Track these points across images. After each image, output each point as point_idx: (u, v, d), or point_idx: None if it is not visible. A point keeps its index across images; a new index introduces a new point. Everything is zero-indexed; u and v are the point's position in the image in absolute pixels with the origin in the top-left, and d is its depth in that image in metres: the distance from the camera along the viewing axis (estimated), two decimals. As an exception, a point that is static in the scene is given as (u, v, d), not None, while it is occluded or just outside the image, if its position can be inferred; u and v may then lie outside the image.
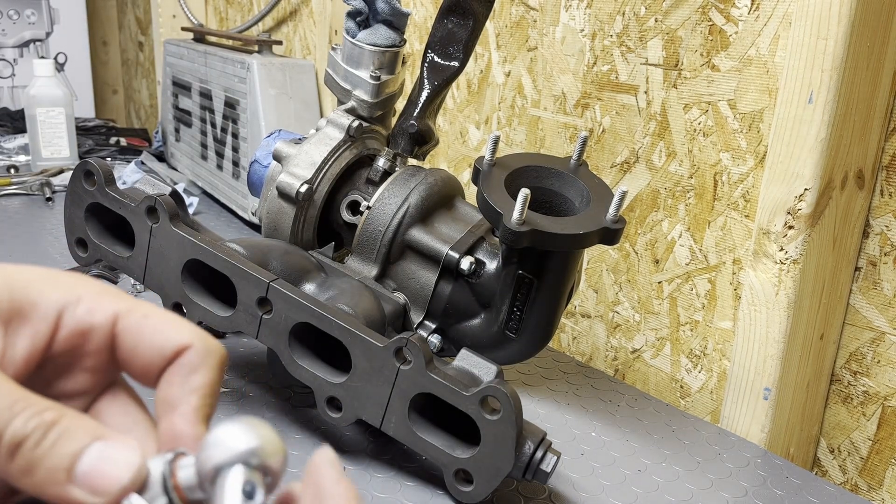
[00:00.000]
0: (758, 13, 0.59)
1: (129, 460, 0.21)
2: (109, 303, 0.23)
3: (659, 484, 0.52)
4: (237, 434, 0.21)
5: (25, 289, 0.22)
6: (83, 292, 0.23)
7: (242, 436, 0.21)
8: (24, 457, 0.20)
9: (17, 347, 0.22)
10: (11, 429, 0.20)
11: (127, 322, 0.23)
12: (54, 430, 0.20)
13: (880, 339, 0.58)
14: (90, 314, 0.23)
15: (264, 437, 0.21)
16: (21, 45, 1.55)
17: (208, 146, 1.11)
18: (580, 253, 0.53)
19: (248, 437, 0.21)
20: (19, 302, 0.22)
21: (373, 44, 0.60)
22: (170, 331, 0.23)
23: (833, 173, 0.55)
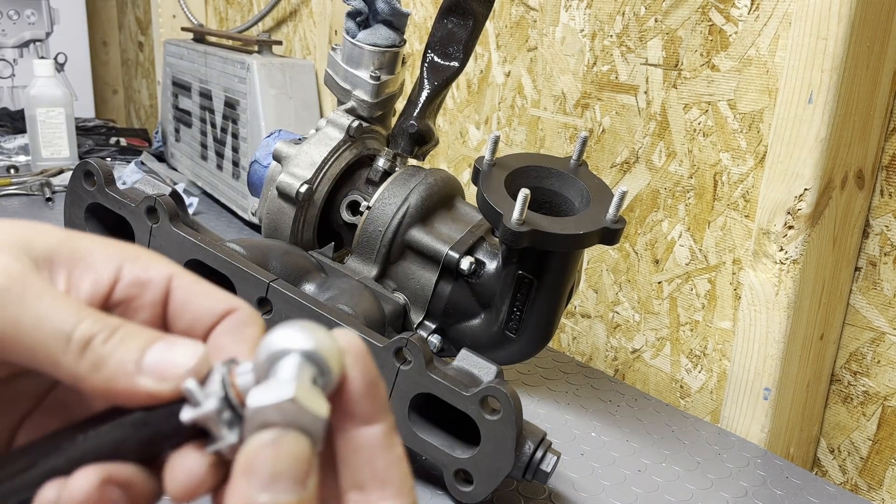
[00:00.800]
0: (758, 13, 0.59)
1: (194, 349, 0.22)
2: (165, 263, 0.25)
3: (659, 484, 0.52)
4: (293, 332, 0.21)
5: (87, 246, 0.24)
6: (141, 253, 0.25)
7: (298, 334, 0.21)
8: (94, 352, 0.22)
9: (80, 290, 0.23)
10: (81, 328, 0.21)
11: (181, 282, 0.25)
12: (121, 331, 0.22)
13: (880, 339, 0.58)
14: (147, 270, 0.24)
15: (320, 338, 0.21)
16: (21, 46, 1.55)
17: (208, 146, 1.11)
18: (580, 253, 0.53)
19: (304, 336, 0.21)
20: (81, 253, 0.24)
21: (373, 44, 0.60)
22: (220, 294, 0.25)
23: (833, 173, 0.55)
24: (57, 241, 0.23)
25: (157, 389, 0.22)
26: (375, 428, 0.22)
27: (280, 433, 0.21)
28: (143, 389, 0.22)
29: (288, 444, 0.20)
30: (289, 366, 0.21)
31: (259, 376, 0.21)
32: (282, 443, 0.20)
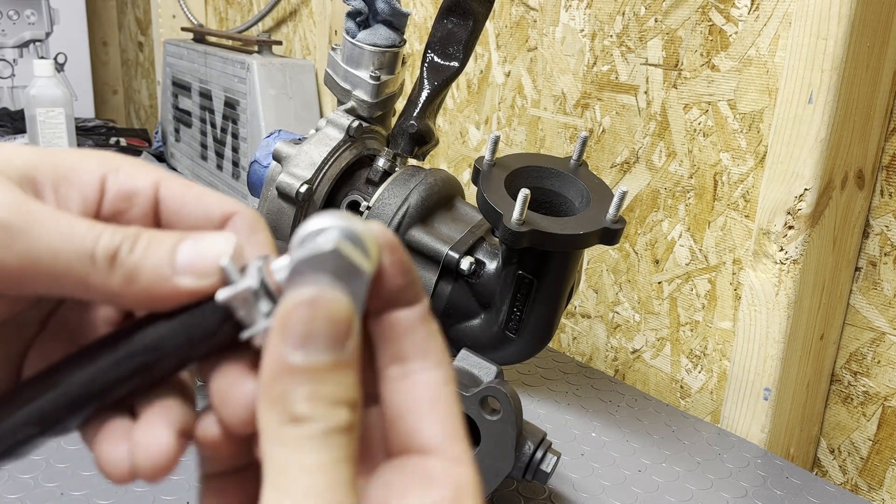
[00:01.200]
0: (758, 13, 0.59)
1: (226, 238, 0.21)
2: (149, 170, 0.24)
3: (659, 484, 0.52)
4: (328, 217, 0.20)
5: (66, 159, 0.23)
6: (121, 162, 0.24)
7: (334, 217, 0.20)
8: (124, 265, 0.21)
9: (71, 208, 0.22)
10: (101, 243, 0.21)
11: (169, 188, 0.23)
12: (143, 238, 0.21)
13: (880, 339, 0.58)
14: (132, 179, 0.23)
15: (356, 222, 0.20)
16: (21, 46, 1.55)
17: (208, 146, 1.11)
18: (580, 253, 0.53)
19: (339, 219, 0.20)
20: (63, 168, 0.23)
21: (373, 44, 0.60)
22: (214, 198, 0.23)
23: (833, 173, 0.55)
24: (36, 157, 0.22)
25: (199, 285, 0.21)
26: (415, 309, 0.22)
27: (319, 289, 0.19)
28: (184, 288, 0.21)
29: (326, 302, 0.19)
30: (328, 237, 0.20)
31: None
32: (320, 300, 0.19)
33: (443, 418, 0.22)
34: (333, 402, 0.19)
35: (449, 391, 0.22)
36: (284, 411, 0.19)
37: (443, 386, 0.22)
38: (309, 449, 0.19)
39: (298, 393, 0.19)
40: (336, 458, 0.19)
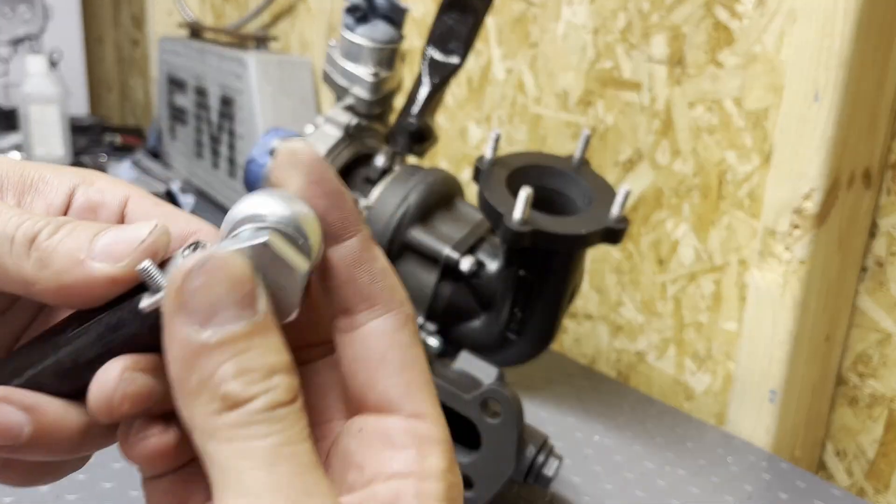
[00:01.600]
0: (763, 9, 0.58)
1: (149, 225, 0.20)
2: (121, 186, 0.23)
3: (662, 487, 0.51)
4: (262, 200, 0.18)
5: (38, 170, 0.22)
6: (95, 177, 0.23)
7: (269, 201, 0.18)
8: (39, 247, 0.19)
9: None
10: (23, 227, 0.20)
11: (138, 203, 0.22)
12: (69, 225, 0.20)
13: (887, 340, 0.57)
14: (101, 193, 0.22)
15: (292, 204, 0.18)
16: (14, 42, 1.54)
17: (204, 144, 1.10)
18: (583, 253, 0.52)
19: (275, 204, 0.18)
20: (31, 178, 0.22)
21: (371, 40, 0.60)
22: (182, 217, 0.22)
23: (839, 172, 0.54)
24: (6, 167, 0.22)
25: (112, 272, 0.19)
26: (349, 243, 0.20)
27: (206, 254, 0.17)
28: (96, 274, 0.19)
29: (219, 262, 0.17)
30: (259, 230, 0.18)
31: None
32: (211, 261, 0.17)
33: (397, 370, 0.20)
34: (266, 373, 0.17)
35: (402, 338, 0.20)
36: (213, 398, 0.16)
37: (394, 333, 0.20)
38: (255, 435, 0.16)
39: (223, 372, 0.16)
40: (288, 437, 0.16)
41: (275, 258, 0.18)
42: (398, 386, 0.20)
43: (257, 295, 0.17)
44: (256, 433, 0.16)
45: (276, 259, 0.18)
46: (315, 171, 0.20)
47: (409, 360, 0.20)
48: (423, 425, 0.20)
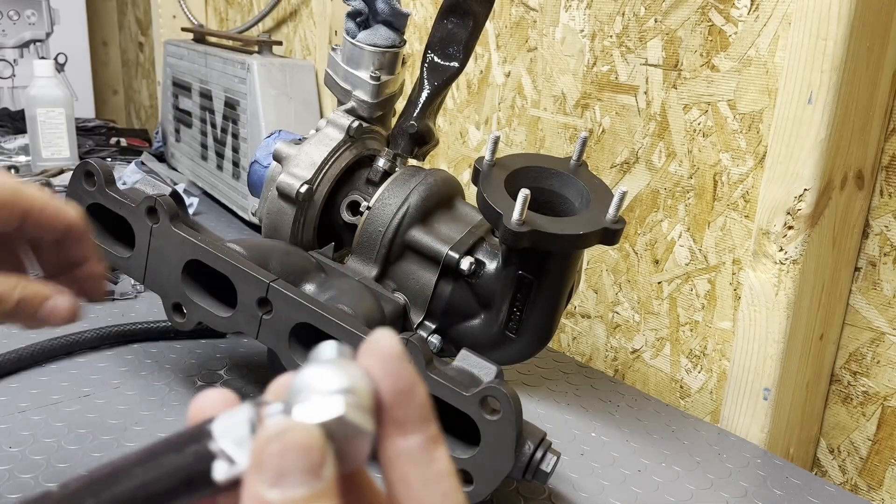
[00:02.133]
0: (757, 13, 0.59)
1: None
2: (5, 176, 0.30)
3: (659, 484, 0.52)
4: (323, 371, 0.20)
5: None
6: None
7: (329, 372, 0.20)
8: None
9: None
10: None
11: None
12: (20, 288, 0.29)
13: (880, 339, 0.58)
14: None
15: (352, 373, 0.20)
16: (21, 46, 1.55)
17: (208, 146, 1.11)
18: (580, 253, 0.53)
19: (339, 377, 0.20)
20: None
21: (373, 44, 0.61)
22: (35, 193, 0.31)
23: (833, 174, 0.55)
24: None
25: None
26: (410, 439, 0.21)
27: (287, 422, 0.19)
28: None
29: (295, 433, 0.19)
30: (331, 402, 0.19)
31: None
32: (288, 432, 0.19)
33: None
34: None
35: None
36: None
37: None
38: None
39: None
40: None
41: (346, 426, 0.20)
42: None
43: (325, 463, 0.19)
44: None
45: (348, 426, 0.20)
46: (389, 361, 0.21)
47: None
48: None
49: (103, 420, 0.53)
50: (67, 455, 0.49)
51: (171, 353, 0.64)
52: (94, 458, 0.49)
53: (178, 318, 0.51)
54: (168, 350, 0.64)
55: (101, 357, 0.62)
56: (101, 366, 0.61)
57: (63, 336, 0.62)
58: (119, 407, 0.55)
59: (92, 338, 0.63)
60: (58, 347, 0.61)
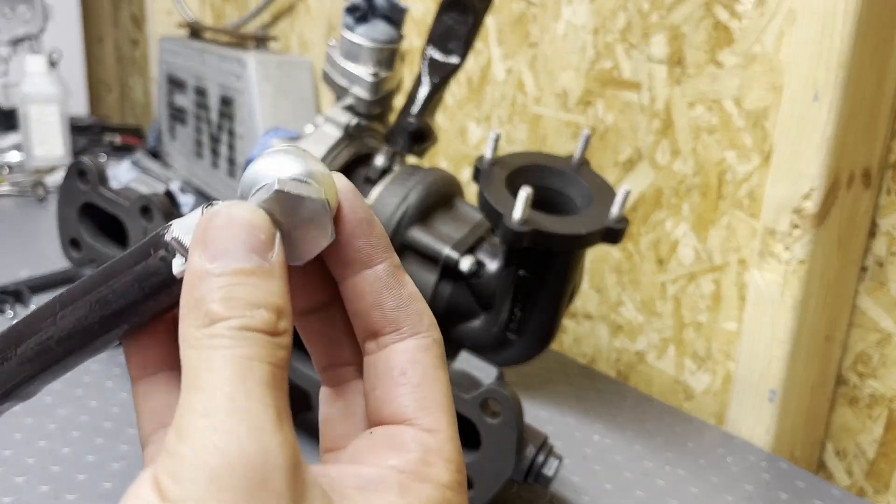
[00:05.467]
0: (762, 9, 0.58)
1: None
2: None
3: (662, 487, 0.51)
4: (279, 159, 0.20)
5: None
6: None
7: (286, 159, 0.20)
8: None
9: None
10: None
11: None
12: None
13: (887, 340, 0.57)
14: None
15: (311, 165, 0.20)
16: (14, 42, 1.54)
17: (204, 144, 1.09)
18: (582, 253, 0.52)
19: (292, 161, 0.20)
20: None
21: (371, 40, 0.60)
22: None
23: (839, 172, 0.54)
24: None
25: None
26: (377, 268, 0.21)
27: (233, 203, 0.19)
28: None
29: (241, 211, 0.19)
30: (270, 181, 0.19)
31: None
32: (234, 209, 0.19)
33: (415, 386, 0.21)
34: (250, 304, 0.18)
35: (424, 358, 0.21)
36: (199, 315, 0.18)
37: (417, 353, 0.21)
38: (221, 346, 0.18)
39: (213, 294, 0.18)
40: (251, 355, 0.18)
41: (291, 199, 0.19)
42: (414, 401, 0.21)
43: (270, 245, 0.19)
44: (222, 344, 0.18)
45: (292, 199, 0.19)
46: (346, 199, 0.21)
47: (429, 380, 0.21)
48: (434, 439, 0.20)
49: (96, 423, 0.52)
50: (60, 458, 0.48)
51: (165, 354, 0.63)
52: (87, 461, 0.48)
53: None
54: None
55: (95, 359, 0.61)
56: (95, 368, 0.60)
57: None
58: (112, 409, 0.54)
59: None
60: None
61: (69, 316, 0.21)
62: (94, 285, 0.21)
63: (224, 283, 0.18)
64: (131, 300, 0.21)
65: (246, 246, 0.19)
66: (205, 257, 0.19)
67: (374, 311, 0.21)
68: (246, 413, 0.17)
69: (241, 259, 0.19)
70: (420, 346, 0.21)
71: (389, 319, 0.21)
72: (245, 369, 0.18)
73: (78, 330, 0.21)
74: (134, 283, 0.21)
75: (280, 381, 0.18)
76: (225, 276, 0.19)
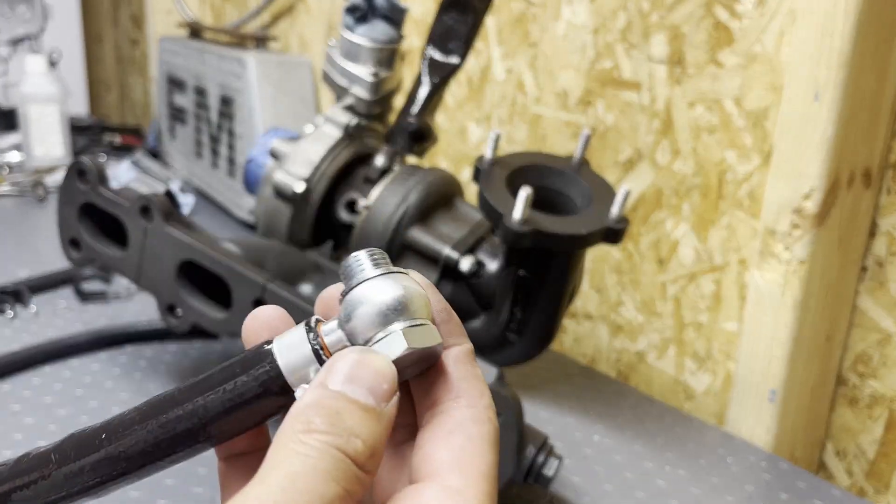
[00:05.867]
0: (762, 9, 0.58)
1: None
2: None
3: (662, 488, 0.51)
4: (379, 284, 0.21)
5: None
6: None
7: (384, 284, 0.21)
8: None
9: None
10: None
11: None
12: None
13: (887, 340, 0.57)
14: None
15: (407, 285, 0.21)
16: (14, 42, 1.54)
17: (203, 144, 1.09)
18: (582, 253, 0.52)
19: (389, 286, 0.21)
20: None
21: (371, 40, 0.59)
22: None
23: (839, 172, 0.54)
24: None
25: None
26: (450, 352, 0.23)
27: (364, 350, 0.21)
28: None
29: (374, 358, 0.20)
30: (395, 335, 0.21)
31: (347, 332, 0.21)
32: (368, 354, 0.20)
33: (455, 449, 0.21)
34: (351, 432, 0.19)
35: (474, 429, 0.22)
36: (302, 420, 0.19)
37: (467, 421, 0.22)
38: (306, 453, 0.19)
39: (321, 410, 0.19)
40: (327, 472, 0.18)
41: (416, 352, 0.21)
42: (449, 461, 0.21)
43: (389, 396, 0.20)
44: (307, 452, 0.19)
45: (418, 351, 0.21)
46: (431, 287, 0.23)
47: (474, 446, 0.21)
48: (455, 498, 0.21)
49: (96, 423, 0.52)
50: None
51: (164, 355, 0.63)
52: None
53: (173, 319, 0.50)
54: (162, 352, 0.63)
55: (95, 359, 0.61)
56: (95, 368, 0.60)
57: (56, 339, 0.61)
58: (112, 409, 0.54)
59: (85, 341, 0.62)
60: (51, 350, 0.60)
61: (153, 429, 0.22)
62: (184, 398, 0.22)
63: (337, 405, 0.20)
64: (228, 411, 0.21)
65: (369, 387, 0.20)
66: (331, 377, 0.20)
67: (441, 388, 0.22)
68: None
69: (360, 394, 0.20)
70: (474, 417, 0.22)
71: (451, 391, 0.22)
72: (315, 481, 0.18)
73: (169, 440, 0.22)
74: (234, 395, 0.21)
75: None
76: (341, 401, 0.20)
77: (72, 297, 0.73)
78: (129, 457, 0.22)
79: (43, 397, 0.55)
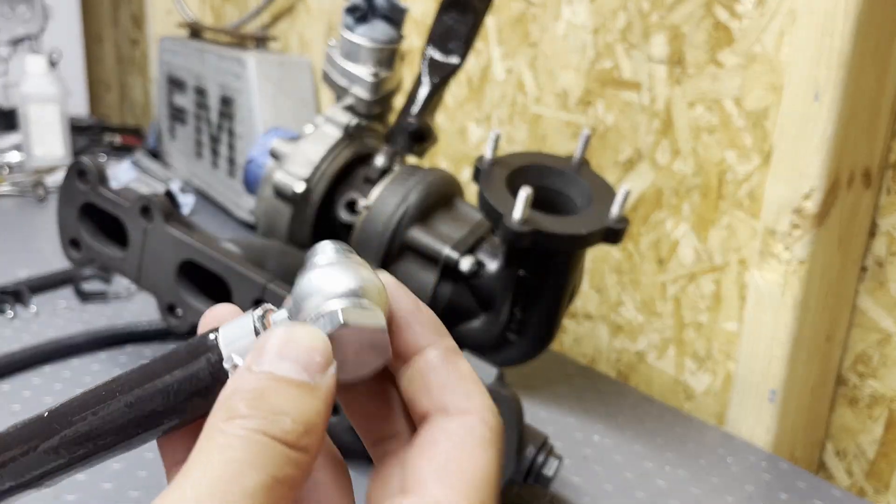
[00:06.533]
0: (762, 9, 0.58)
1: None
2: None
3: (662, 488, 0.51)
4: (332, 273, 0.20)
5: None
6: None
7: (338, 273, 0.20)
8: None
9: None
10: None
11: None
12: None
13: (887, 340, 0.57)
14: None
15: (364, 276, 0.20)
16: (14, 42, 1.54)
17: (203, 144, 1.09)
18: (582, 253, 0.52)
19: (345, 275, 0.20)
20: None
21: (371, 40, 0.59)
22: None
23: (839, 172, 0.54)
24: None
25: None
26: (427, 354, 0.21)
27: (298, 325, 0.20)
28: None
29: (303, 332, 0.19)
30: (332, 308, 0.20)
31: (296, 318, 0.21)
32: (296, 330, 0.19)
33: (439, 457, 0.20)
34: (277, 411, 0.18)
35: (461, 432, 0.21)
36: (225, 408, 0.18)
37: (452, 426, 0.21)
38: (226, 444, 0.18)
39: (243, 394, 0.18)
40: (250, 462, 0.17)
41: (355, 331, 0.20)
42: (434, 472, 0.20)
43: (323, 367, 0.19)
44: (227, 442, 0.18)
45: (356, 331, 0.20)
46: (392, 295, 0.22)
47: (462, 454, 0.20)
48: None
49: (96, 424, 0.52)
50: (59, 460, 0.48)
51: (165, 354, 0.63)
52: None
53: (173, 319, 0.50)
54: (161, 352, 0.63)
55: (95, 359, 0.61)
56: (95, 368, 0.60)
57: (56, 339, 0.61)
58: (112, 410, 0.54)
59: (85, 341, 0.62)
60: (51, 350, 0.60)
61: (101, 413, 0.22)
62: (132, 385, 0.22)
63: (260, 385, 0.18)
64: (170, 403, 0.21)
65: (298, 362, 0.19)
66: (256, 359, 0.19)
67: (423, 397, 0.21)
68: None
69: (288, 370, 0.19)
70: (462, 420, 0.21)
71: (436, 403, 0.21)
72: (236, 474, 0.17)
73: (111, 429, 0.21)
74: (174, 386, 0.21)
75: (277, 499, 0.18)
76: (265, 380, 0.18)
77: (72, 297, 0.73)
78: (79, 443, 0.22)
79: (43, 397, 0.55)
